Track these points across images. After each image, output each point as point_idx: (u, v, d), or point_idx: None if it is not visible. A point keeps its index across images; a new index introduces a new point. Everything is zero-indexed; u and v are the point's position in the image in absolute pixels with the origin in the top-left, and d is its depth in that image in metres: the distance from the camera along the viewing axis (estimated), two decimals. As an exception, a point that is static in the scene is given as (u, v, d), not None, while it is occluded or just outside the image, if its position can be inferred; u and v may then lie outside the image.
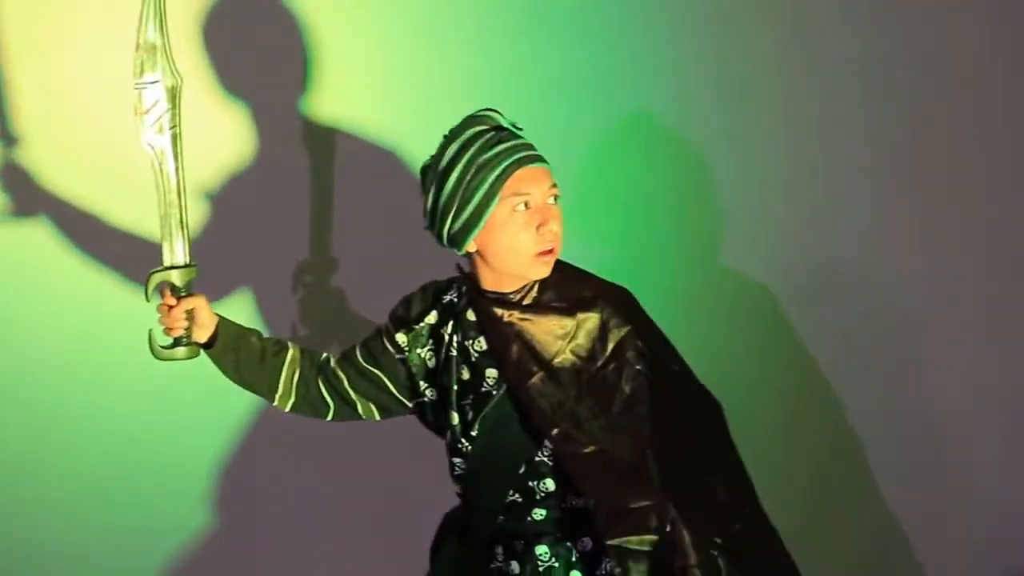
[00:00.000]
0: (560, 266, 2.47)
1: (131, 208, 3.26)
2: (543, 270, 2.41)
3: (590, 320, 2.42)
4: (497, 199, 2.37)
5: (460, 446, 2.47)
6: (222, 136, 3.35)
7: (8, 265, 3.28)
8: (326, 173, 3.43)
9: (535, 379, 2.38)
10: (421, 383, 2.54)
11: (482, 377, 2.45)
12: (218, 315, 2.60)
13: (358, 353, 2.61)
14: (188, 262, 2.58)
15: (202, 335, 2.56)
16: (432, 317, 2.53)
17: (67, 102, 3.27)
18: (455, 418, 2.47)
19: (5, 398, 3.34)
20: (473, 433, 2.44)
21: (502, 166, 2.36)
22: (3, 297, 3.30)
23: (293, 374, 2.60)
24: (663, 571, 2.29)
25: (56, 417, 3.36)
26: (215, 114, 3.32)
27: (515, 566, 2.46)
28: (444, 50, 3.42)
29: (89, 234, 3.29)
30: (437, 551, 2.63)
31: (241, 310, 3.35)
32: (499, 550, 2.48)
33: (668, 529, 2.29)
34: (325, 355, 2.66)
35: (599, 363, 2.41)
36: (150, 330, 2.57)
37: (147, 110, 2.55)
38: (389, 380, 2.58)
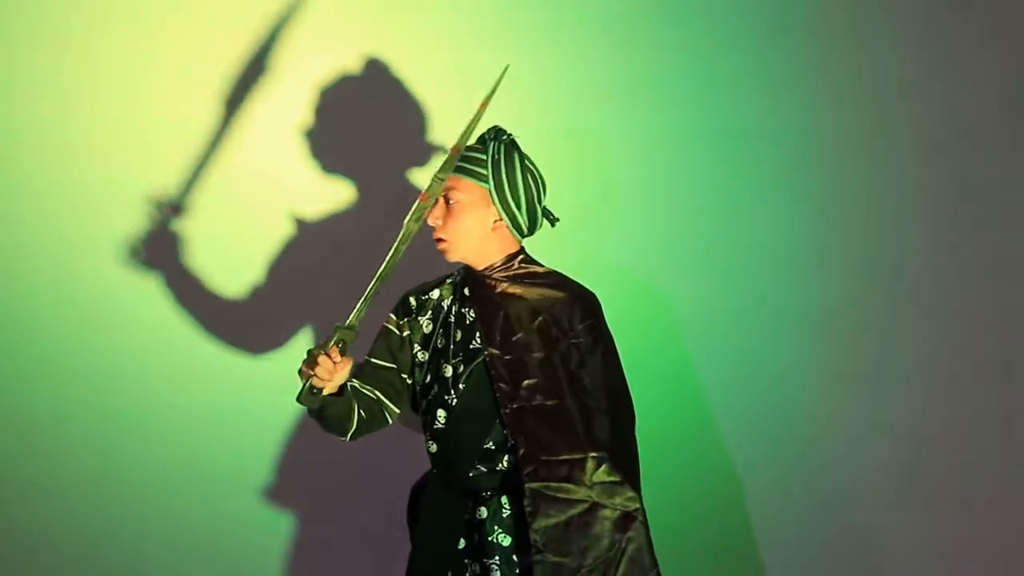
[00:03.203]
0: (539, 264, 2.90)
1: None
2: (445, 256, 2.86)
3: (568, 298, 2.83)
4: None
5: (447, 398, 2.83)
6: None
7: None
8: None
9: (499, 345, 2.77)
10: (416, 346, 2.92)
11: (473, 337, 2.84)
12: None
13: (368, 358, 2.93)
14: (355, 325, 2.84)
15: (331, 388, 2.79)
16: (435, 293, 2.93)
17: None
18: (448, 371, 2.84)
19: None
20: (461, 385, 2.82)
21: None
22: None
23: (356, 407, 2.88)
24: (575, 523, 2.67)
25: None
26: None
27: (482, 511, 2.81)
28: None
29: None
30: (417, 513, 2.91)
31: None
32: (468, 502, 2.83)
33: (608, 479, 2.67)
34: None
35: (571, 333, 2.80)
36: (306, 380, 2.80)
37: (426, 198, 2.87)
38: (395, 363, 2.90)
